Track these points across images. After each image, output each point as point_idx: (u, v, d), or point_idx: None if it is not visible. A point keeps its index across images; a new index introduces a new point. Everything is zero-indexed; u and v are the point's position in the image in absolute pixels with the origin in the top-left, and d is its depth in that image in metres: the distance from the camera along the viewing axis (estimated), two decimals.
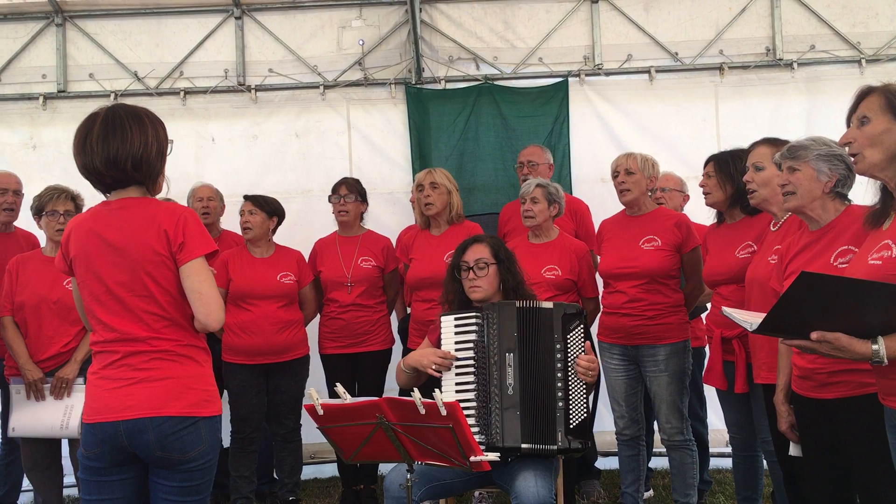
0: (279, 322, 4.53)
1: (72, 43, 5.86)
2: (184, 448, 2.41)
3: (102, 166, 2.45)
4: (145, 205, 2.50)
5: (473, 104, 5.78)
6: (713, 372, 3.71)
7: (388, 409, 2.69)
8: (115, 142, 2.44)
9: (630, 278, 4.04)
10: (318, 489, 5.35)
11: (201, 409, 2.46)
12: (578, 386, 3.25)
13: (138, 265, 2.43)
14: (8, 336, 4.16)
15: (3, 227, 4.78)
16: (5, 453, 4.72)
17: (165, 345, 2.45)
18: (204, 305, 2.44)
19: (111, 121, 2.47)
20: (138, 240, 2.44)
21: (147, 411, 2.39)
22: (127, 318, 2.44)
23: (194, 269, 2.44)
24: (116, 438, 2.41)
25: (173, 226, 2.44)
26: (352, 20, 5.90)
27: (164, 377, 2.43)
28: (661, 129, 5.69)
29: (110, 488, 2.48)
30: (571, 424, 3.20)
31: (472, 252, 3.49)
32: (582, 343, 3.29)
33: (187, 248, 2.44)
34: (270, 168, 5.80)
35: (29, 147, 5.75)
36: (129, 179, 2.50)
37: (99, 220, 2.50)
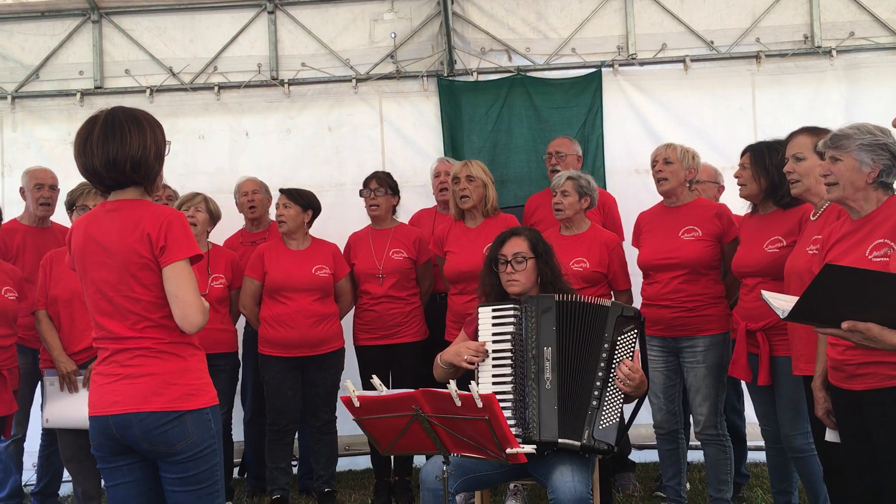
0: (314, 315, 4.55)
1: (108, 39, 5.93)
2: (169, 442, 2.47)
3: (102, 168, 2.49)
4: (135, 207, 2.54)
5: (506, 96, 5.76)
6: (738, 364, 3.69)
7: (425, 401, 2.69)
8: (114, 144, 2.48)
9: (670, 269, 3.99)
10: (352, 481, 5.38)
11: (185, 403, 2.49)
12: (616, 391, 3.21)
13: (123, 267, 2.48)
14: (42, 329, 4.22)
15: (39, 222, 4.87)
16: (45, 444, 4.80)
17: (147, 343, 2.49)
18: (180, 309, 2.47)
19: (110, 124, 2.51)
20: (124, 242, 2.48)
21: (131, 407, 2.46)
22: (114, 318, 2.50)
23: (174, 273, 2.47)
24: (109, 431, 2.49)
25: (156, 229, 2.47)
26: (384, 13, 5.90)
27: (146, 374, 2.48)
28: (696, 119, 5.62)
29: (120, 473, 2.56)
30: (601, 426, 3.17)
31: (510, 245, 3.46)
32: (632, 348, 3.25)
33: (168, 252, 2.47)
34: (303, 162, 5.82)
35: (67, 143, 5.80)
36: (128, 181, 2.54)
37: (94, 221, 2.56)
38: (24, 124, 5.87)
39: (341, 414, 4.68)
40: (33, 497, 4.85)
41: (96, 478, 4.35)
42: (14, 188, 5.41)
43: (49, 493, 4.87)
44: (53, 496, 4.90)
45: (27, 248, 4.72)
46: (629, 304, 4.24)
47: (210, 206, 4.67)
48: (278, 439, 4.65)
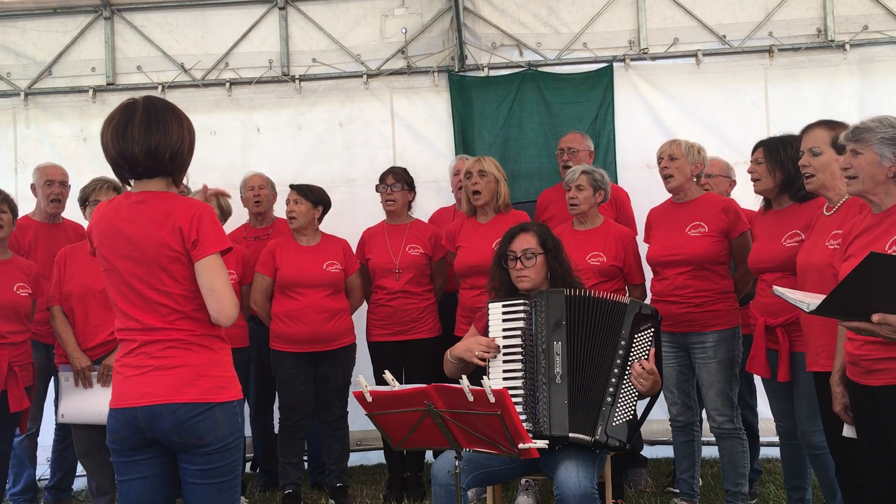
0: (326, 311, 4.55)
1: (120, 36, 5.95)
2: (199, 433, 2.45)
3: (141, 155, 2.47)
4: (163, 199, 2.52)
5: (517, 91, 5.74)
6: (756, 360, 3.67)
7: (437, 397, 2.69)
8: (157, 133, 2.48)
9: (677, 265, 3.99)
10: (364, 476, 5.40)
11: (216, 395, 2.49)
12: (631, 388, 3.22)
13: (153, 260, 2.46)
14: (57, 325, 4.24)
15: (51, 218, 4.89)
16: (59, 439, 4.84)
17: (179, 335, 2.48)
18: (216, 302, 2.46)
19: (152, 113, 2.51)
20: (153, 235, 2.46)
21: (162, 398, 2.44)
22: (143, 309, 2.48)
23: (207, 266, 2.46)
24: (135, 424, 2.46)
25: (188, 222, 2.46)
26: (394, 8, 5.90)
27: (178, 365, 2.47)
28: (708, 113, 5.59)
29: (138, 467, 2.54)
30: (614, 422, 3.18)
31: (519, 241, 3.46)
32: (648, 347, 3.25)
33: (201, 246, 2.46)
34: (315, 157, 5.82)
35: (79, 139, 5.85)
36: (163, 170, 2.54)
37: (119, 212, 2.53)
38: (36, 121, 5.90)
39: (353, 409, 4.70)
40: (47, 491, 4.90)
41: (111, 472, 4.37)
42: (27, 184, 5.43)
43: (63, 487, 4.91)
44: (67, 490, 4.95)
45: (39, 244, 4.75)
46: (643, 298, 4.26)
47: (221, 202, 4.68)
48: (290, 435, 4.66)
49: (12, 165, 5.84)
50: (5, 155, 5.86)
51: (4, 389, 4.00)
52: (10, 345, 4.05)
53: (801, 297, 2.46)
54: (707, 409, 4.05)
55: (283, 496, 4.66)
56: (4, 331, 4.03)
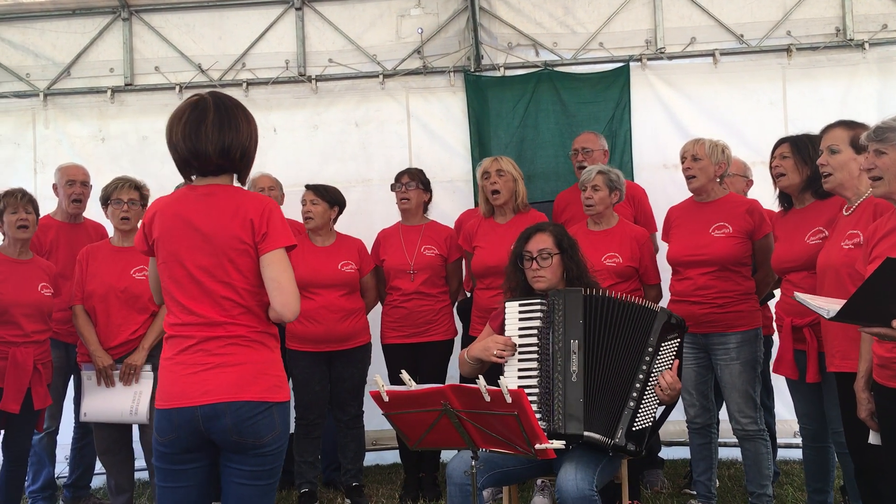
0: (341, 310, 4.56)
1: (138, 37, 5.99)
2: (259, 433, 2.43)
3: (215, 154, 2.49)
4: (232, 193, 2.53)
5: (533, 91, 5.73)
6: (784, 361, 3.63)
7: (453, 396, 2.69)
8: (230, 132, 2.50)
9: (700, 265, 3.96)
10: (380, 475, 5.40)
11: (274, 395, 2.48)
12: (653, 395, 3.22)
13: (222, 251, 2.46)
14: (79, 324, 4.27)
15: (72, 218, 4.92)
16: (78, 437, 4.87)
17: (240, 330, 2.47)
18: (282, 296, 2.45)
19: (224, 111, 2.52)
20: (224, 227, 2.46)
21: (225, 396, 2.41)
22: (206, 303, 2.46)
23: (275, 260, 2.46)
24: (194, 424, 2.43)
25: (259, 215, 2.47)
26: (410, 9, 5.90)
27: (240, 362, 2.45)
28: (725, 113, 5.56)
29: (184, 476, 2.51)
30: (634, 427, 3.18)
31: (535, 242, 3.46)
32: (672, 356, 3.25)
33: (270, 239, 2.46)
34: (331, 158, 5.83)
35: (98, 139, 5.89)
36: (231, 168, 2.55)
37: (186, 204, 2.52)
38: (55, 121, 5.94)
39: (368, 409, 4.72)
40: (65, 489, 4.93)
41: (129, 470, 4.42)
42: (47, 184, 5.47)
43: (81, 485, 4.94)
44: (85, 488, 4.97)
45: (60, 243, 4.77)
46: (659, 298, 4.24)
47: None
48: (306, 434, 4.67)
49: (31, 165, 5.89)
50: (25, 155, 5.91)
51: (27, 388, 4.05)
52: (35, 343, 4.11)
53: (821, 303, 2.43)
54: (730, 411, 4.00)
55: (300, 495, 4.67)
56: (30, 330, 4.09)
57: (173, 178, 5.01)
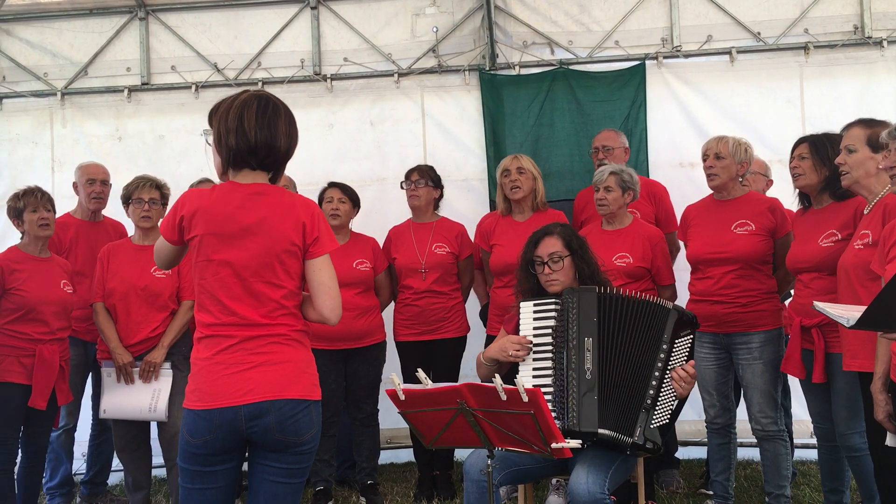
0: (356, 308, 4.57)
1: (154, 36, 6.02)
2: (299, 431, 2.44)
3: (283, 149, 2.52)
4: (282, 193, 2.53)
5: (548, 89, 5.71)
6: (791, 360, 3.63)
7: (469, 395, 2.70)
8: (294, 131, 2.55)
9: (722, 263, 3.93)
10: (394, 474, 5.41)
11: (313, 393, 2.51)
12: (669, 392, 3.22)
13: (272, 252, 2.46)
14: (99, 321, 4.31)
15: (91, 216, 4.96)
16: (95, 434, 4.91)
17: (281, 329, 2.48)
18: (331, 300, 2.49)
19: (289, 113, 2.55)
20: (276, 227, 2.46)
21: (269, 394, 2.41)
22: (248, 303, 2.45)
23: (325, 264, 2.50)
24: (236, 423, 2.40)
25: (310, 219, 2.49)
26: (425, 7, 5.90)
27: (282, 360, 2.45)
28: (742, 111, 5.52)
29: (213, 478, 2.48)
30: (652, 425, 3.17)
31: (544, 246, 3.45)
32: (686, 353, 3.25)
33: (321, 243, 2.49)
34: (346, 156, 5.83)
35: (115, 138, 5.92)
36: (281, 166, 2.57)
37: (235, 203, 2.48)
38: (73, 120, 5.98)
39: (383, 407, 4.73)
40: (83, 486, 4.96)
41: (147, 467, 4.45)
42: (64, 183, 5.52)
43: (98, 481, 4.97)
44: (102, 485, 5.01)
45: (80, 241, 4.80)
46: (674, 299, 4.22)
47: None
48: (322, 431, 4.64)
49: (49, 164, 5.93)
50: (42, 154, 5.95)
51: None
52: (59, 341, 4.16)
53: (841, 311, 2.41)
54: (751, 411, 3.97)
55: (315, 493, 4.69)
56: (56, 327, 4.14)
57: (189, 176, 5.13)
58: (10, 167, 5.93)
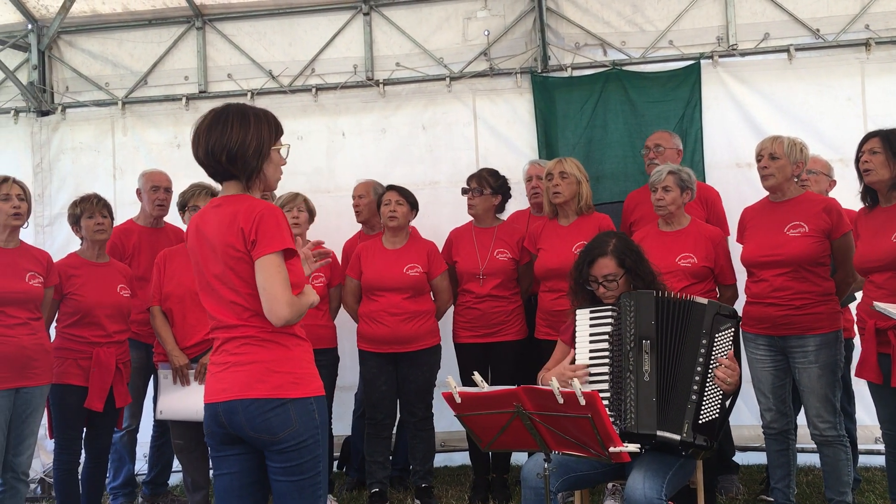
0: (405, 312, 4.60)
1: (211, 45, 6.14)
2: (272, 429, 2.48)
3: (203, 156, 2.58)
4: (234, 202, 2.58)
5: (601, 91, 5.67)
6: (867, 365, 3.51)
7: (526, 398, 2.69)
8: (214, 135, 2.55)
9: (775, 266, 3.85)
10: (448, 477, 5.41)
11: (288, 392, 2.51)
12: (715, 386, 3.18)
13: (223, 260, 2.54)
14: (156, 324, 4.40)
15: (154, 223, 5.07)
16: (156, 435, 5.01)
17: (252, 331, 2.53)
18: (266, 302, 2.48)
19: (217, 116, 2.60)
20: (222, 236, 2.54)
21: (236, 393, 2.50)
22: (221, 308, 2.56)
23: (262, 266, 2.49)
24: (218, 419, 2.54)
25: (249, 223, 2.50)
26: (477, 11, 5.91)
27: (250, 361, 2.52)
28: (801, 110, 5.41)
29: (227, 463, 2.61)
30: (700, 420, 3.13)
31: (598, 267, 3.41)
32: (728, 346, 3.21)
33: (258, 246, 2.49)
34: (398, 160, 5.87)
35: (174, 146, 6.05)
36: (225, 172, 2.59)
37: (204, 217, 2.64)
38: (133, 129, 6.13)
39: (436, 410, 4.74)
40: (144, 486, 5.07)
41: (205, 468, 4.51)
42: (125, 190, 5.67)
43: (159, 482, 5.07)
44: (163, 485, 5.10)
45: (142, 247, 4.92)
46: (735, 299, 4.15)
47: (309, 205, 4.78)
48: (376, 433, 4.72)
49: (111, 172, 6.09)
50: (104, 162, 6.11)
51: (110, 387, 4.19)
52: (117, 343, 4.26)
53: None
54: (808, 416, 3.89)
55: (370, 495, 4.72)
56: (112, 330, 4.25)
57: None
58: (74, 175, 6.10)
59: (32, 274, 3.98)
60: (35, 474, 5.44)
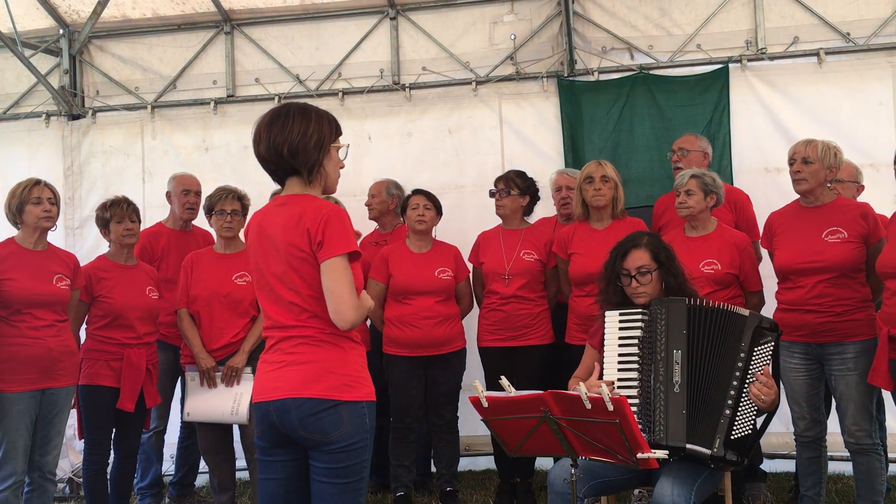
0: (438, 316, 4.61)
1: (239, 50, 6.19)
2: (324, 430, 2.48)
3: (265, 152, 2.58)
4: (300, 201, 2.57)
5: (628, 95, 5.64)
6: (878, 371, 3.49)
7: (553, 403, 2.68)
8: (274, 129, 2.56)
9: (815, 273, 3.79)
10: (473, 481, 5.40)
11: (342, 394, 2.50)
12: (750, 402, 3.13)
13: (286, 260, 2.54)
14: (184, 327, 4.44)
15: (184, 226, 5.11)
16: (183, 436, 5.05)
17: (310, 332, 2.54)
18: (333, 304, 2.48)
19: (277, 112, 2.62)
20: (287, 236, 2.54)
21: (290, 392, 2.49)
22: (279, 307, 2.56)
23: (329, 268, 2.48)
24: (269, 418, 2.54)
25: (315, 224, 2.50)
26: (503, 15, 5.91)
27: (306, 361, 2.52)
28: (831, 114, 5.34)
29: (272, 468, 2.61)
30: (732, 436, 3.08)
31: (632, 258, 3.39)
32: (766, 360, 3.15)
33: (325, 248, 2.49)
34: (424, 164, 5.87)
35: (202, 149, 6.11)
36: (287, 167, 2.59)
37: (266, 215, 2.65)
38: (162, 132, 6.19)
39: (461, 414, 4.74)
40: (171, 486, 5.11)
41: (231, 469, 4.55)
42: (154, 193, 5.72)
43: (186, 482, 5.11)
44: (190, 486, 5.15)
45: (171, 250, 4.96)
46: (761, 305, 4.10)
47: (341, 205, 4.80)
48: (402, 437, 4.72)
49: (140, 175, 6.15)
50: (134, 165, 6.18)
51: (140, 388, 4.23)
52: (146, 345, 4.30)
53: None
54: (844, 423, 3.84)
55: (395, 499, 4.72)
56: (142, 332, 4.29)
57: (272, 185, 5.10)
58: (104, 178, 6.17)
59: (60, 276, 4.02)
60: (63, 474, 5.50)
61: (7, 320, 3.85)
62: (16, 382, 3.81)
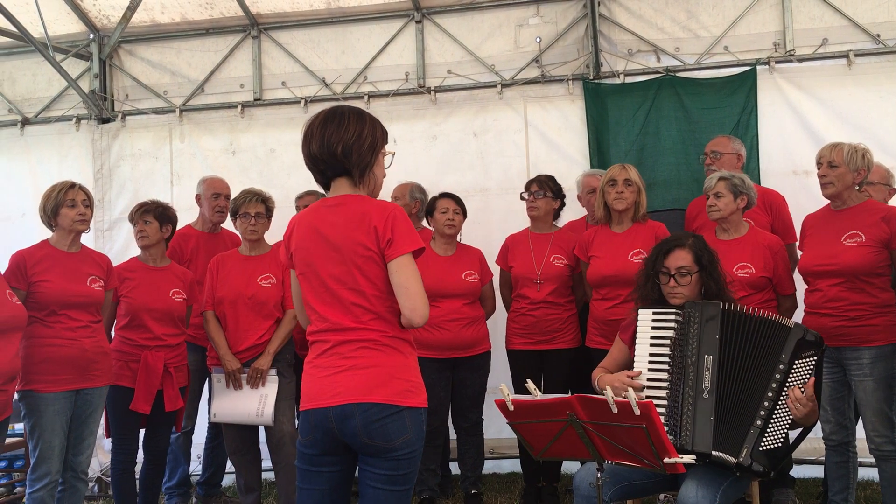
0: (466, 318, 4.62)
1: (266, 53, 6.23)
2: (388, 436, 2.45)
3: (317, 151, 2.57)
4: (359, 201, 2.58)
5: (654, 97, 5.61)
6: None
7: (580, 407, 2.67)
8: (329, 128, 2.56)
9: (830, 276, 3.77)
10: (497, 484, 5.40)
11: (405, 399, 2.49)
12: (784, 414, 3.07)
13: (349, 259, 2.52)
14: (210, 329, 4.48)
15: (213, 228, 5.16)
16: (211, 437, 5.09)
17: (372, 335, 2.51)
18: (410, 300, 2.48)
19: (331, 113, 2.62)
20: (350, 235, 2.52)
21: (354, 397, 2.45)
22: (338, 310, 2.53)
23: (401, 265, 2.49)
24: (327, 424, 2.49)
25: (383, 222, 2.51)
26: (529, 18, 5.91)
27: (370, 365, 2.49)
28: (860, 117, 5.28)
29: (318, 479, 2.57)
30: (761, 447, 3.04)
31: (673, 258, 3.35)
32: (807, 375, 3.09)
33: (395, 245, 2.50)
34: (449, 167, 5.89)
35: (229, 152, 6.16)
36: (338, 167, 2.58)
37: (318, 215, 2.61)
38: (190, 136, 6.25)
39: (486, 416, 4.74)
40: (198, 486, 5.15)
41: (257, 470, 4.58)
42: (182, 196, 5.77)
43: (213, 483, 5.16)
44: (216, 486, 5.19)
45: (200, 252, 5.01)
46: (794, 309, 4.06)
47: None
48: (428, 441, 4.69)
49: (168, 178, 6.22)
50: (162, 168, 6.25)
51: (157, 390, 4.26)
52: (167, 347, 4.32)
53: None
54: (865, 430, 3.80)
55: (420, 501, 4.73)
56: (161, 333, 4.31)
57: (297, 188, 5.27)
58: (133, 181, 6.24)
59: (94, 278, 4.06)
60: (93, 473, 5.57)
61: (43, 321, 3.89)
62: (52, 383, 3.85)
